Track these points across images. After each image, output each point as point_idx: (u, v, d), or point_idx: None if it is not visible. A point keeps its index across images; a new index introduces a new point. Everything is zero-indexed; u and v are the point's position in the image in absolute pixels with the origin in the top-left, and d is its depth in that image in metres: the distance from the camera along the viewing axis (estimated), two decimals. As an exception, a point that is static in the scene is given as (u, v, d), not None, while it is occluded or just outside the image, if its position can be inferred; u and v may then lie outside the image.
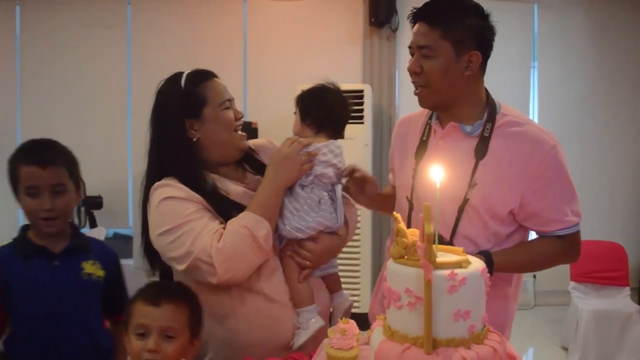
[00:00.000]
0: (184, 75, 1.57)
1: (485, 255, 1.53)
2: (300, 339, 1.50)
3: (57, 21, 4.92)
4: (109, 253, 1.72)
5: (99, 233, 3.97)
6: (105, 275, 1.65)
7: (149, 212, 1.51)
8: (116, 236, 4.90)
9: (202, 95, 1.54)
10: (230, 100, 1.59)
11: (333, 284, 1.69)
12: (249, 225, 1.43)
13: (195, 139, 1.55)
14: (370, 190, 1.77)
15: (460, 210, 1.58)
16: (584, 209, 1.66)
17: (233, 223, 1.45)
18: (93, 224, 4.29)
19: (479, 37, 1.56)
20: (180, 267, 1.44)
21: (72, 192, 1.61)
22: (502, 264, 1.54)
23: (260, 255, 1.46)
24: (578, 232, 1.64)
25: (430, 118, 1.71)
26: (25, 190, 1.55)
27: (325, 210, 1.56)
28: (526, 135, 1.58)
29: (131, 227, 4.91)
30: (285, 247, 1.58)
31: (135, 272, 2.46)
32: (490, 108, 1.62)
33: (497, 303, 1.62)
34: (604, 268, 3.99)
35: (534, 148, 1.56)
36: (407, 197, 1.71)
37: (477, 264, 1.01)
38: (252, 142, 1.73)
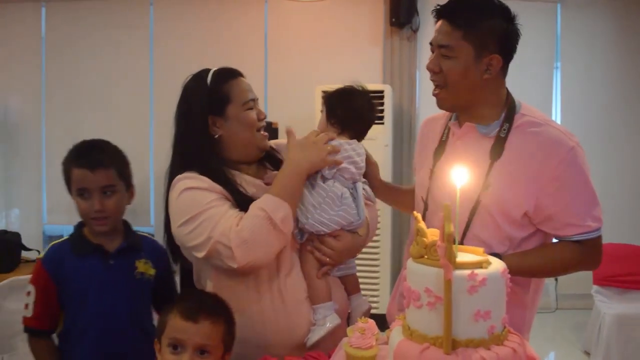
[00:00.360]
0: (211, 72, 1.58)
1: (496, 257, 1.50)
2: (315, 335, 1.49)
3: (82, 22, 5.01)
4: (159, 251, 1.75)
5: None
6: (156, 273, 1.70)
7: (169, 205, 1.52)
8: (138, 234, 4.97)
9: (226, 94, 1.55)
10: (254, 100, 1.59)
11: (351, 286, 1.68)
12: (266, 207, 1.42)
13: (217, 136, 1.57)
14: (370, 172, 1.76)
15: (472, 212, 1.54)
16: (607, 212, 1.59)
17: (252, 207, 1.44)
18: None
19: (502, 40, 1.53)
20: (200, 254, 1.44)
21: (123, 192, 1.67)
22: (512, 267, 1.47)
23: (278, 238, 1.44)
24: (598, 238, 1.56)
25: (450, 119, 1.70)
26: (77, 192, 1.60)
27: (348, 205, 1.55)
28: (544, 135, 1.53)
29: (153, 225, 4.98)
30: (305, 242, 1.58)
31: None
32: (508, 108, 1.58)
33: (511, 310, 1.58)
34: (628, 272, 3.92)
35: (551, 149, 1.51)
36: (422, 197, 1.70)
37: (497, 265, 1.00)
38: (274, 142, 1.74)
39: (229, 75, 1.58)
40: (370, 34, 4.88)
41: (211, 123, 1.56)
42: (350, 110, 1.65)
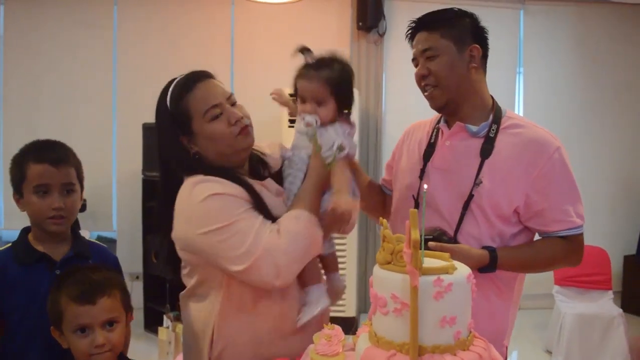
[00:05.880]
0: (170, 91, 1.48)
1: (490, 251, 1.55)
2: (307, 315, 1.45)
3: (42, 22, 4.87)
4: (109, 258, 1.69)
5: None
6: None
7: (186, 209, 1.40)
8: (100, 239, 4.85)
9: (185, 111, 1.45)
10: (219, 104, 1.45)
11: (332, 264, 1.65)
12: (311, 224, 1.39)
13: (195, 152, 1.48)
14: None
15: (465, 207, 1.59)
16: None
17: (293, 223, 1.39)
18: (77, 227, 4.25)
19: (476, 33, 1.65)
20: (236, 267, 1.34)
21: (79, 193, 1.60)
22: (505, 260, 1.56)
23: (315, 254, 1.44)
24: (581, 235, 1.64)
25: (438, 122, 1.75)
26: (35, 189, 1.52)
27: None
28: (531, 136, 1.61)
29: (115, 230, 4.88)
30: None
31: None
32: (495, 112, 1.67)
33: (498, 308, 1.65)
34: (588, 272, 4.03)
35: (539, 148, 1.59)
36: (413, 196, 1.73)
37: (463, 270, 1.01)
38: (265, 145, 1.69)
39: (184, 88, 1.46)
40: (337, 37, 4.89)
41: (185, 142, 1.47)
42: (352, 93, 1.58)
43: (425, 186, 1.07)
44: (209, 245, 1.36)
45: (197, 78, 1.48)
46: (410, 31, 1.69)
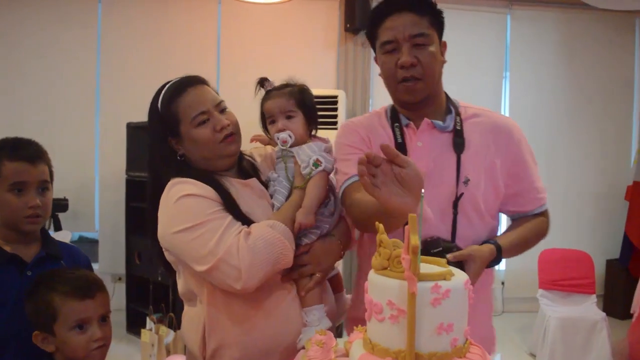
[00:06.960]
0: (162, 93, 1.51)
1: (492, 243, 1.50)
2: (307, 336, 1.44)
3: (25, 19, 4.78)
4: (80, 259, 1.66)
5: (64, 236, 3.86)
6: None
7: (163, 209, 1.43)
8: (82, 239, 4.78)
9: (175, 114, 1.48)
10: (207, 111, 1.48)
11: (337, 285, 1.68)
12: (282, 235, 1.40)
13: (181, 154, 1.51)
14: None
15: (455, 206, 1.53)
16: (552, 217, 1.69)
17: (264, 229, 1.39)
18: (58, 227, 4.16)
19: (442, 27, 1.56)
20: (200, 267, 1.35)
21: (52, 192, 1.57)
22: (506, 248, 1.52)
23: (283, 266, 1.42)
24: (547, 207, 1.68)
25: (395, 121, 1.62)
26: (10, 187, 1.48)
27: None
28: (492, 122, 1.61)
29: (97, 230, 4.80)
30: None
31: (100, 276, 2.39)
32: (452, 103, 1.63)
33: (483, 306, 1.62)
34: (572, 276, 4.07)
35: (504, 133, 1.59)
36: None
37: (460, 276, 0.99)
38: (256, 151, 1.73)
39: (176, 92, 1.49)
40: (325, 39, 4.88)
41: (174, 143, 1.51)
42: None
43: (423, 191, 1.05)
44: (179, 244, 1.40)
45: (189, 83, 1.52)
46: (388, 7, 1.54)
